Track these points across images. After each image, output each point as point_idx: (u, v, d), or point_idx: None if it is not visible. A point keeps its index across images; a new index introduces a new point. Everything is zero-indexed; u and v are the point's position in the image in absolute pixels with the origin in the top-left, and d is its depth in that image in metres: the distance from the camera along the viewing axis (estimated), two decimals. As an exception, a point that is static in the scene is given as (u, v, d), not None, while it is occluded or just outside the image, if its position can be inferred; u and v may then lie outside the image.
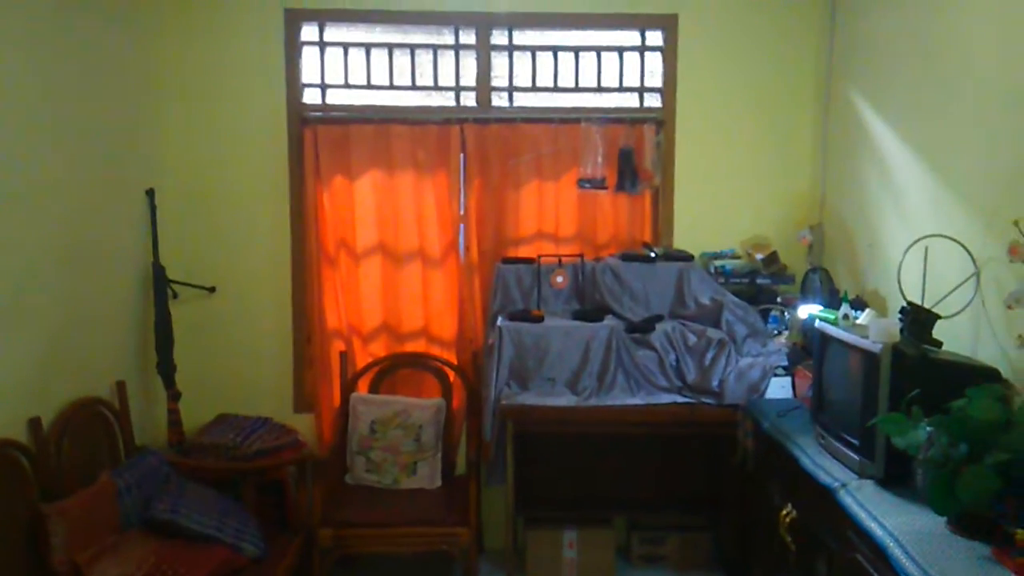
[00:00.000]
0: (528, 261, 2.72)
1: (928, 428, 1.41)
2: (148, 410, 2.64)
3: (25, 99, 1.98)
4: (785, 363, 2.37)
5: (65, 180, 2.16)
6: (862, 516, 1.47)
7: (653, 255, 2.71)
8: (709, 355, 2.46)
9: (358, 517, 2.39)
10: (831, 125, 2.69)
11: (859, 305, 2.15)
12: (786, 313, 2.60)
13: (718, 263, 2.76)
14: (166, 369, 2.59)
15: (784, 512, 1.89)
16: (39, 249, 2.04)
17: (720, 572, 2.73)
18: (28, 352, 1.99)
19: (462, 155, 2.78)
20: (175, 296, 2.66)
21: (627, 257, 2.72)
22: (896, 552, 1.31)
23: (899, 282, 1.96)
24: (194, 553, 1.99)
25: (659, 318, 2.63)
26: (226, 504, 2.27)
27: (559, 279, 2.69)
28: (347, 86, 2.84)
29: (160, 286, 2.59)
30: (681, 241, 2.85)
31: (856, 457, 1.67)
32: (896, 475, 1.59)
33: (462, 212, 2.82)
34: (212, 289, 2.78)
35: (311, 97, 2.83)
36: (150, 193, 2.61)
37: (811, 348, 2.24)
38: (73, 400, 2.13)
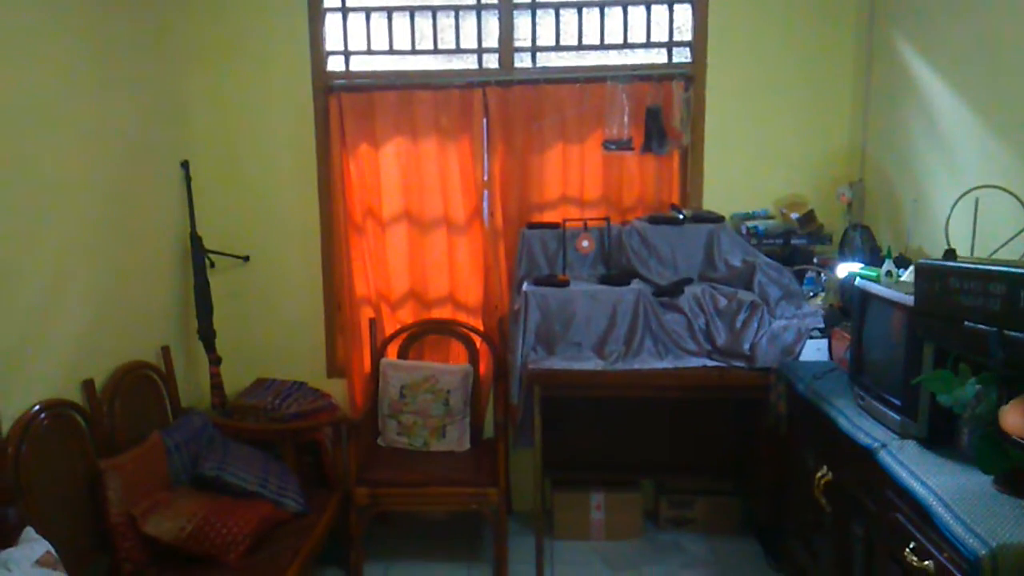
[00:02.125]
0: (553, 226, 2.68)
1: (977, 385, 1.34)
2: (192, 374, 2.74)
3: (68, 84, 2.05)
4: (821, 325, 2.29)
5: (107, 155, 2.23)
6: (903, 475, 1.42)
7: (681, 217, 2.64)
8: (740, 318, 2.39)
9: (391, 477, 2.44)
10: (873, 74, 2.54)
11: (902, 263, 2.06)
12: (823, 274, 2.51)
13: (750, 224, 2.67)
14: (207, 335, 2.67)
15: (819, 474, 1.86)
16: (86, 223, 2.13)
17: (749, 536, 2.72)
18: (80, 318, 2.08)
19: (485, 119, 2.72)
20: (212, 265, 2.73)
21: (654, 220, 2.65)
22: (939, 510, 1.27)
23: (947, 237, 1.86)
24: (240, 508, 2.06)
25: (688, 281, 2.57)
26: (268, 463, 2.35)
27: (584, 243, 2.64)
28: (370, 52, 2.80)
29: (198, 255, 2.65)
30: (711, 202, 2.77)
31: (897, 417, 1.62)
32: (939, 435, 1.53)
33: (486, 178, 2.77)
34: (246, 258, 2.83)
35: (335, 65, 2.80)
36: (185, 165, 2.67)
37: (849, 309, 2.16)
38: (123, 364, 2.22)
